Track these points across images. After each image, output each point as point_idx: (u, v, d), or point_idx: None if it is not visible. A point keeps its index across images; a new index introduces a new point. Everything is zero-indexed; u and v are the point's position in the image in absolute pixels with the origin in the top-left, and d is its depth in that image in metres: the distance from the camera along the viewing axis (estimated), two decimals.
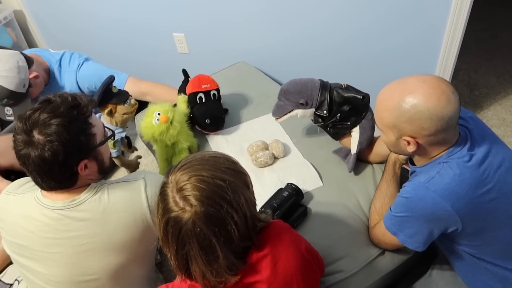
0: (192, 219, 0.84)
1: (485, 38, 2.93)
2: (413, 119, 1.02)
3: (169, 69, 2.55)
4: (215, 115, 1.72)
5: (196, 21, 2.29)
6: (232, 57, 2.29)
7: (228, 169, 0.91)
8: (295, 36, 2.12)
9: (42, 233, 1.14)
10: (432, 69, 1.97)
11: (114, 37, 2.60)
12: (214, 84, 1.75)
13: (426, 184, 1.07)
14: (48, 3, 2.65)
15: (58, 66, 1.89)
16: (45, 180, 1.09)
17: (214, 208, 0.84)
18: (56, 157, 1.04)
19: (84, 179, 1.15)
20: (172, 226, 0.86)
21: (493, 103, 2.45)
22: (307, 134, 1.73)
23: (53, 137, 1.03)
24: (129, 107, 1.64)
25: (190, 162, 0.90)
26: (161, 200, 0.89)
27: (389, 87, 1.09)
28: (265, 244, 0.95)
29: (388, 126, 1.09)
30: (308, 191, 1.49)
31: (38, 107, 1.07)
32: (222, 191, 0.86)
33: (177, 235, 0.86)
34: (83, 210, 1.13)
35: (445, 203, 1.04)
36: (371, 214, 1.37)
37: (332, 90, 1.46)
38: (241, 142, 1.73)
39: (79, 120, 1.09)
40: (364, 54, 2.05)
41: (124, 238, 1.16)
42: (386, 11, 1.86)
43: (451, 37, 1.82)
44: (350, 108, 1.45)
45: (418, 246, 1.15)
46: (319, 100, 1.46)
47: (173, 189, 0.87)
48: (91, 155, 1.14)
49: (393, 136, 1.10)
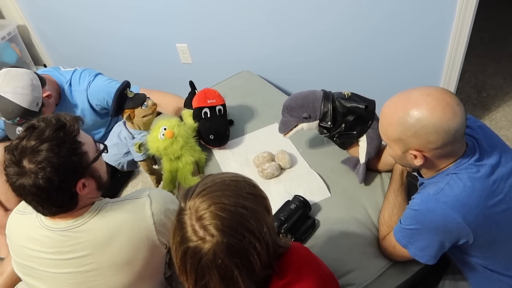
0: (213, 250, 0.79)
1: (492, 39, 2.89)
2: (418, 133, 1.00)
3: (173, 80, 2.55)
4: (219, 131, 1.71)
5: (198, 31, 2.28)
6: (235, 66, 2.29)
7: (250, 194, 0.86)
8: (298, 44, 2.11)
9: (47, 255, 1.13)
10: (439, 71, 1.94)
11: (117, 49, 2.61)
12: (220, 100, 1.74)
13: (436, 196, 1.05)
14: (51, 18, 2.67)
15: (68, 85, 1.88)
16: (45, 207, 1.07)
17: (237, 238, 0.80)
18: (52, 183, 1.02)
19: (85, 198, 1.13)
20: (191, 256, 0.82)
21: (501, 104, 2.41)
22: (313, 144, 1.71)
23: (44, 163, 1.00)
24: (147, 109, 1.66)
25: (210, 188, 0.85)
26: (179, 228, 0.84)
27: (393, 100, 1.07)
28: (286, 271, 0.90)
29: (394, 140, 1.08)
30: (316, 202, 1.47)
31: (24, 135, 1.04)
32: (245, 219, 0.81)
33: (196, 266, 0.82)
34: (86, 230, 1.12)
35: (456, 215, 1.02)
36: (380, 226, 1.34)
37: (335, 100, 1.44)
38: (246, 154, 1.71)
39: (67, 141, 1.05)
40: (369, 59, 2.03)
41: (130, 257, 1.14)
42: (390, 15, 1.84)
43: (457, 39, 1.80)
44: (355, 118, 1.43)
45: (429, 260, 1.13)
46: (322, 112, 1.44)
47: (191, 217, 0.82)
48: (87, 173, 1.11)
49: (399, 150, 1.09)
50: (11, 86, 1.59)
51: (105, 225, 1.12)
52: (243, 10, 2.09)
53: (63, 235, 1.11)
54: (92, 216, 1.13)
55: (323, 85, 2.21)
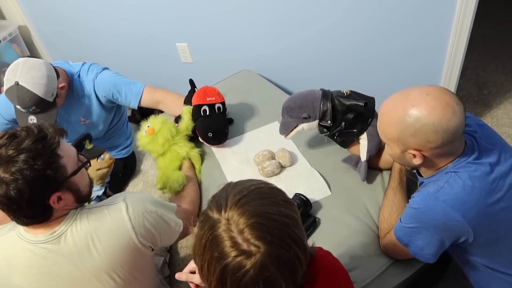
0: (260, 263, 0.73)
1: (492, 36, 2.88)
2: (418, 132, 1.00)
3: (173, 79, 2.55)
4: (217, 129, 1.71)
5: (198, 30, 2.28)
6: (235, 65, 2.28)
7: (285, 202, 0.81)
8: (299, 43, 2.10)
9: (30, 269, 1.11)
10: (440, 68, 1.93)
11: (117, 48, 2.61)
12: (219, 97, 1.74)
13: (436, 194, 1.05)
14: (52, 18, 2.67)
15: (77, 76, 1.91)
16: (17, 217, 1.06)
17: (284, 249, 0.75)
18: (22, 195, 1.00)
19: (60, 210, 1.11)
20: (233, 272, 0.74)
21: (503, 101, 2.40)
22: (314, 142, 1.70)
23: (17, 175, 0.99)
24: (103, 162, 1.56)
25: (246, 197, 0.79)
26: (215, 243, 0.76)
27: (392, 100, 1.07)
28: (316, 278, 0.87)
29: (393, 140, 1.08)
30: (317, 200, 1.47)
31: (3, 143, 1.03)
32: (288, 228, 0.76)
33: (238, 283, 0.75)
34: (65, 243, 1.10)
35: (456, 213, 1.02)
36: (380, 224, 1.34)
37: (334, 99, 1.44)
38: (247, 152, 1.71)
39: (44, 153, 1.03)
40: (370, 57, 2.02)
41: (113, 263, 1.13)
42: (390, 13, 1.83)
43: (457, 36, 1.79)
44: (355, 116, 1.43)
45: (429, 258, 1.13)
46: (321, 111, 1.44)
47: (232, 230, 0.75)
48: (63, 187, 1.08)
49: (398, 150, 1.08)
50: (29, 76, 1.61)
51: (83, 233, 1.11)
52: (243, 9, 2.09)
53: (44, 247, 1.10)
54: (69, 225, 1.11)
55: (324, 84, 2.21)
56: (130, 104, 1.93)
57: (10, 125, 1.98)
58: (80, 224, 1.12)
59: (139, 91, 1.91)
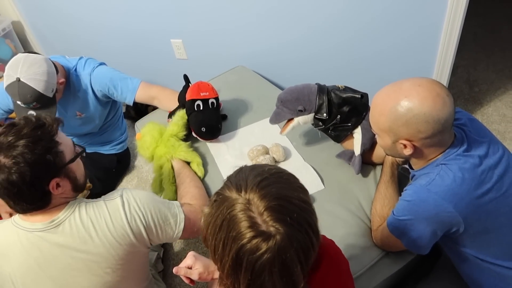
0: (279, 245, 0.73)
1: (483, 34, 2.92)
2: (409, 122, 1.02)
3: (167, 75, 2.56)
4: (211, 124, 1.72)
5: (193, 27, 2.29)
6: (230, 62, 2.30)
7: (301, 188, 0.83)
8: (293, 40, 2.12)
9: (25, 259, 1.12)
10: (431, 66, 1.96)
11: (112, 44, 2.61)
12: (213, 93, 1.75)
13: (428, 186, 1.07)
14: (45, 13, 2.67)
15: (74, 70, 1.92)
16: (17, 203, 1.08)
17: (302, 233, 0.76)
18: (23, 178, 1.03)
19: (58, 198, 1.13)
20: (250, 253, 0.74)
21: (493, 99, 2.44)
22: (307, 137, 1.72)
23: (19, 158, 1.02)
24: None
25: (267, 179, 0.79)
26: (232, 223, 0.76)
27: (384, 91, 1.09)
28: (319, 263, 0.90)
29: (384, 130, 1.09)
30: (310, 194, 1.49)
31: (3, 131, 1.06)
32: (306, 214, 0.78)
33: (254, 264, 0.75)
34: (63, 232, 1.12)
35: (447, 205, 1.04)
36: (372, 217, 1.37)
37: (330, 92, 1.46)
38: (241, 147, 1.73)
39: (44, 139, 1.07)
40: (362, 55, 2.05)
41: (108, 257, 1.14)
42: (382, 10, 1.85)
43: (448, 34, 1.82)
44: (350, 109, 1.44)
45: (422, 250, 1.16)
46: (317, 104, 1.46)
47: (252, 211, 0.75)
48: (62, 173, 1.12)
49: (389, 140, 1.10)
50: (30, 72, 1.62)
51: (80, 225, 1.12)
52: (238, 6, 2.10)
53: (40, 236, 1.11)
54: (67, 216, 1.13)
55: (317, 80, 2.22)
56: (126, 100, 1.94)
57: (6, 115, 1.99)
58: (79, 216, 1.13)
59: (134, 86, 1.92)
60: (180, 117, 1.72)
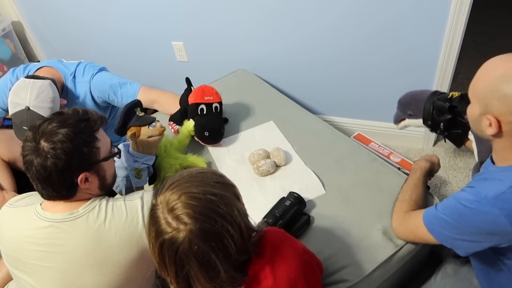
0: (188, 238, 0.83)
1: (484, 41, 2.93)
2: (505, 98, 0.93)
3: (168, 78, 2.55)
4: (214, 129, 1.72)
5: (195, 29, 2.29)
6: (231, 65, 2.30)
7: (217, 183, 0.90)
8: (293, 45, 2.12)
9: (37, 246, 1.14)
10: (432, 73, 1.97)
11: (112, 46, 2.61)
12: (217, 97, 1.74)
13: (493, 200, 0.97)
14: (46, 14, 2.66)
15: (72, 77, 1.91)
16: (44, 187, 1.12)
17: (209, 223, 0.84)
18: (57, 165, 1.08)
19: (83, 192, 1.16)
20: (168, 248, 0.85)
21: None
22: (308, 141, 1.72)
23: (57, 145, 1.07)
24: (154, 129, 1.50)
25: (178, 181, 0.89)
26: (153, 224, 0.88)
27: (499, 58, 0.98)
28: (263, 253, 0.95)
29: (478, 97, 1.00)
30: (311, 199, 1.49)
31: (49, 118, 1.13)
32: (215, 205, 0.85)
33: (174, 257, 0.85)
34: (80, 225, 1.13)
35: (509, 225, 0.95)
36: (397, 203, 1.34)
37: (436, 100, 1.40)
38: (242, 151, 1.72)
39: (85, 132, 1.12)
40: (363, 61, 2.05)
41: (119, 258, 1.15)
42: (385, 18, 1.86)
43: (450, 41, 1.82)
44: (451, 118, 1.37)
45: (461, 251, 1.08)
46: (424, 113, 1.43)
47: (163, 210, 0.86)
48: (93, 169, 1.15)
49: (477, 110, 1.00)
50: (39, 100, 1.63)
51: (97, 222, 1.14)
52: (239, 9, 2.10)
53: (57, 226, 1.13)
54: (87, 212, 1.15)
55: (317, 86, 2.24)
56: None
57: (5, 114, 1.98)
58: (98, 213, 1.15)
59: (134, 91, 1.91)
60: (187, 131, 1.69)
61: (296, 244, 1.02)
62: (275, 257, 0.95)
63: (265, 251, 0.95)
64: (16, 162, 2.02)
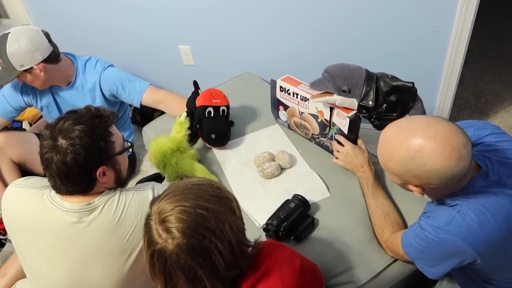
0: (176, 252, 0.84)
1: (490, 46, 2.93)
2: (420, 176, 0.99)
3: (175, 81, 2.57)
4: (220, 132, 1.73)
5: (201, 33, 2.31)
6: (237, 68, 2.31)
7: (212, 196, 0.90)
8: (299, 47, 2.13)
9: (51, 234, 1.17)
10: (438, 77, 1.97)
11: (120, 49, 2.64)
12: (225, 101, 1.76)
13: (447, 227, 1.03)
14: (55, 17, 2.69)
15: (83, 68, 1.95)
16: (64, 183, 1.14)
17: (197, 239, 0.84)
18: (76, 160, 1.11)
19: (100, 186, 1.20)
20: (158, 258, 0.86)
21: (499, 110, 2.44)
22: (313, 144, 1.73)
23: (76, 141, 1.11)
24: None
25: (173, 192, 0.90)
26: (146, 232, 0.89)
27: (396, 134, 1.02)
28: (258, 269, 0.94)
29: (394, 174, 1.06)
30: (315, 202, 1.49)
31: (64, 116, 1.16)
32: (205, 220, 0.86)
33: (163, 268, 0.86)
34: (96, 217, 1.17)
35: (467, 246, 1.01)
36: (375, 229, 1.37)
37: (379, 79, 1.37)
38: (247, 154, 1.73)
39: (100, 127, 1.16)
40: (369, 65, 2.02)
41: (131, 246, 1.18)
42: (391, 22, 1.86)
43: (456, 46, 1.82)
44: (397, 99, 1.35)
45: (435, 276, 1.14)
46: (364, 91, 1.37)
47: (156, 221, 0.87)
48: (110, 163, 1.19)
49: (398, 181, 1.08)
50: (21, 33, 1.64)
51: (113, 212, 1.18)
52: (245, 14, 2.12)
53: (74, 216, 1.16)
54: (102, 202, 1.19)
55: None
56: (133, 101, 1.95)
57: (16, 114, 2.01)
58: (112, 203, 1.19)
59: (142, 88, 1.94)
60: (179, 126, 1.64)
61: (294, 261, 0.99)
62: (269, 274, 0.94)
63: (260, 268, 0.94)
64: (26, 163, 2.04)
